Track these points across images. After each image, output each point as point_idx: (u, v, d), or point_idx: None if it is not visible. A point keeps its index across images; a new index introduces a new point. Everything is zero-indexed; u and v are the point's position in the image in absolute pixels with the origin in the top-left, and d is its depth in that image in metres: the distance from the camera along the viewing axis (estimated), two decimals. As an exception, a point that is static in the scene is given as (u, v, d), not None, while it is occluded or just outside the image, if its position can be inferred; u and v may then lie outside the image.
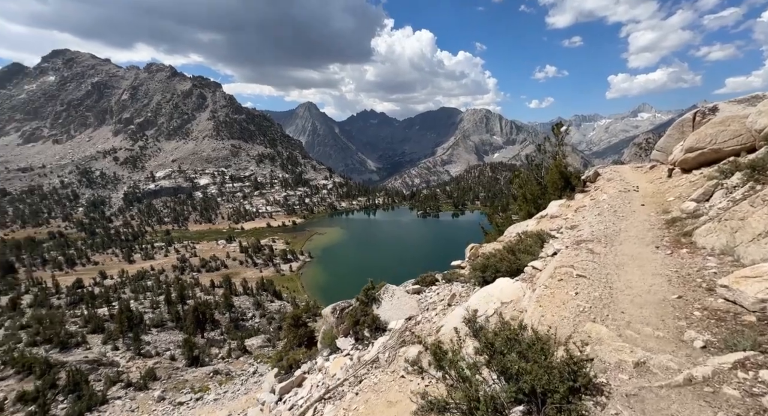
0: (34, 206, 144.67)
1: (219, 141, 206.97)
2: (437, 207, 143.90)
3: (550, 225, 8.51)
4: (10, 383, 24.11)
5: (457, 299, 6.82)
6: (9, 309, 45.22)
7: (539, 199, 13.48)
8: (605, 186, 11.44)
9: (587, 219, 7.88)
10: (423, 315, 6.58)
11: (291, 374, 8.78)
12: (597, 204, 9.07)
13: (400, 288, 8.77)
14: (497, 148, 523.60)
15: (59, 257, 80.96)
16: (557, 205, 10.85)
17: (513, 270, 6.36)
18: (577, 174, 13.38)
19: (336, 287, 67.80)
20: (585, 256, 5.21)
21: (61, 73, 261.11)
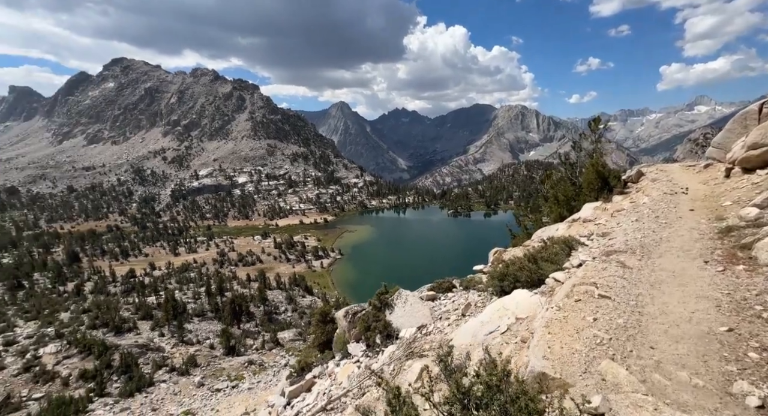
0: (96, 202, 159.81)
1: (256, 141, 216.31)
2: (469, 206, 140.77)
3: (581, 231, 7.83)
4: (74, 361, 26.85)
5: (472, 309, 6.43)
6: (74, 294, 50.38)
7: (573, 200, 12.50)
8: (648, 187, 10.35)
9: (622, 226, 7.15)
10: (435, 325, 6.25)
11: (302, 377, 8.71)
12: (636, 208, 8.21)
13: (415, 293, 8.40)
14: (533, 145, 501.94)
15: (116, 249, 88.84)
16: (592, 208, 9.95)
17: (534, 281, 5.86)
18: (617, 173, 12.21)
19: (365, 285, 68.60)
20: (613, 271, 4.58)
21: (119, 79, 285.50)
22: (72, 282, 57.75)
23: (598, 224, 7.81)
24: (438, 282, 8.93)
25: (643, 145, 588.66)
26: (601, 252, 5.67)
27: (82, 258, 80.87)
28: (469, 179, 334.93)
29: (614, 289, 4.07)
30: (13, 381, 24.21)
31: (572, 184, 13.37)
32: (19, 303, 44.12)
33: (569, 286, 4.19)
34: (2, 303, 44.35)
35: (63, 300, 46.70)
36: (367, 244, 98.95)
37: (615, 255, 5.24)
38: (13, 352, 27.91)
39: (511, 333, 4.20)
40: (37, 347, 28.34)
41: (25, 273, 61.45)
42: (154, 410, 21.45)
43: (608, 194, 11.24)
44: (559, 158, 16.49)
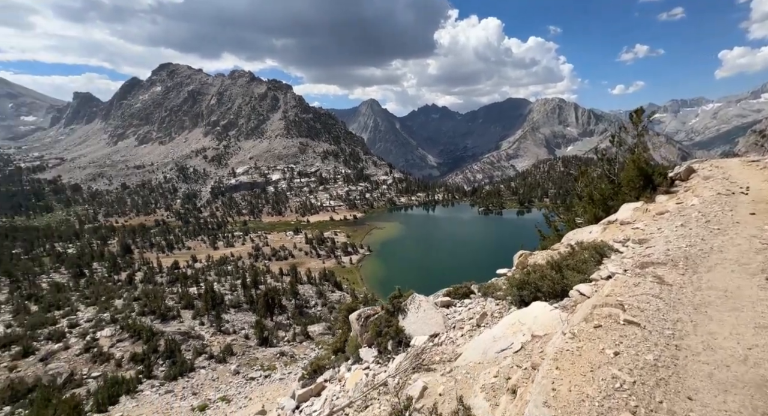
0: (145, 198, 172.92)
1: (289, 139, 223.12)
2: (500, 204, 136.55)
3: (616, 235, 7.01)
4: (126, 344, 29.32)
5: (488, 320, 5.94)
6: (126, 283, 54.96)
7: (610, 200, 11.40)
8: (699, 186, 9.24)
9: (664, 232, 6.24)
10: (447, 335, 5.87)
11: (313, 380, 8.53)
12: (683, 210, 7.23)
13: (430, 298, 7.88)
14: (571, 140, 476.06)
15: (162, 242, 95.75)
16: (631, 209, 8.95)
17: (557, 292, 5.28)
18: (663, 170, 10.98)
19: (393, 281, 68.60)
20: (647, 288, 3.88)
21: (166, 83, 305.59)
22: (125, 271, 63.04)
23: (636, 228, 7.03)
24: (455, 288, 8.38)
25: (697, 138, 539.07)
26: (635, 263, 4.94)
27: (134, 250, 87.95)
28: (502, 176, 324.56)
29: (646, 313, 3.35)
30: (76, 359, 26.90)
31: (610, 181, 12.29)
32: (81, 290, 48.84)
33: (589, 307, 3.54)
34: (67, 289, 49.35)
35: (117, 288, 51.09)
36: (396, 241, 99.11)
37: (651, 268, 4.51)
38: (76, 334, 30.98)
39: (525, 353, 3.74)
40: (95, 330, 31.25)
41: (86, 262, 67.90)
42: (195, 394, 22.96)
43: (651, 193, 10.15)
44: (596, 153, 14.79)
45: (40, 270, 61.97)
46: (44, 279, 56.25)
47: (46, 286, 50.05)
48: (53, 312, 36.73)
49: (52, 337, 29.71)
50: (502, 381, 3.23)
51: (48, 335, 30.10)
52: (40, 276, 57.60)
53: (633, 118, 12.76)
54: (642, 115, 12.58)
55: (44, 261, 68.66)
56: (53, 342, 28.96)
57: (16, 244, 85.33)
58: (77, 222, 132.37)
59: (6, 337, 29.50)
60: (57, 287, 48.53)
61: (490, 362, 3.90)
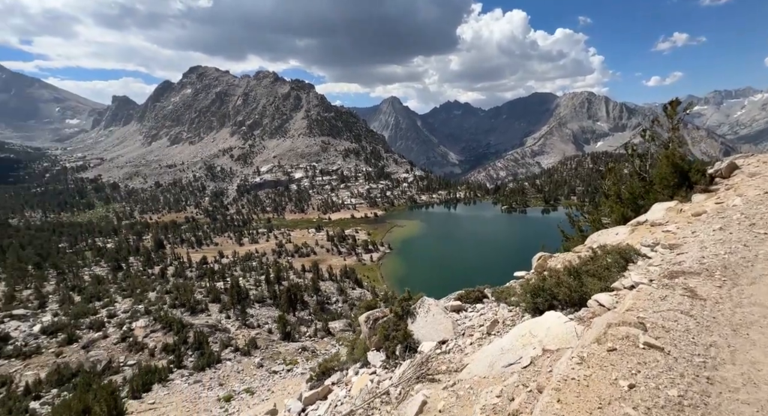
0: (176, 195, 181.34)
1: (311, 138, 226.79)
2: (524, 202, 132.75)
3: (645, 238, 6.40)
4: (158, 335, 30.95)
5: (500, 327, 5.61)
6: (159, 276, 57.97)
7: (640, 198, 10.59)
8: (743, 184, 8.36)
9: (699, 236, 5.63)
10: (456, 342, 5.59)
11: (322, 381, 8.40)
12: (723, 211, 6.48)
13: (441, 302, 7.54)
14: (601, 135, 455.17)
15: (192, 238, 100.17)
16: (663, 209, 8.22)
17: (574, 301, 4.87)
18: (701, 166, 10.10)
19: (413, 279, 68.64)
20: (676, 303, 3.42)
21: (195, 86, 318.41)
22: (158, 266, 66.47)
23: (667, 231, 6.42)
24: (467, 291, 7.95)
25: (743, 132, 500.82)
26: (664, 271, 4.40)
27: (166, 246, 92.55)
28: (526, 173, 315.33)
29: (672, 334, 2.82)
30: (114, 348, 28.71)
31: (641, 179, 11.46)
32: (118, 283, 52.00)
33: (603, 325, 3.03)
34: (107, 281, 52.68)
35: (151, 281, 54.01)
36: (416, 239, 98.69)
37: (682, 278, 3.97)
38: (113, 324, 33.05)
39: (534, 370, 3.39)
40: (131, 321, 33.20)
41: (123, 256, 72.18)
42: (221, 385, 23.91)
43: (687, 192, 9.36)
44: (625, 149, 13.91)
45: (83, 263, 66.46)
46: (86, 271, 60.27)
47: (88, 278, 53.61)
48: (94, 303, 39.32)
49: (93, 326, 31.83)
50: (505, 403, 2.96)
51: (89, 324, 32.27)
52: (83, 269, 61.75)
53: (667, 110, 11.79)
54: (677, 107, 11.59)
55: (86, 255, 73.57)
56: (94, 331, 31.03)
57: (62, 239, 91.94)
58: (115, 219, 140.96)
59: (53, 325, 31.91)
60: (97, 279, 51.89)
61: (495, 377, 3.66)
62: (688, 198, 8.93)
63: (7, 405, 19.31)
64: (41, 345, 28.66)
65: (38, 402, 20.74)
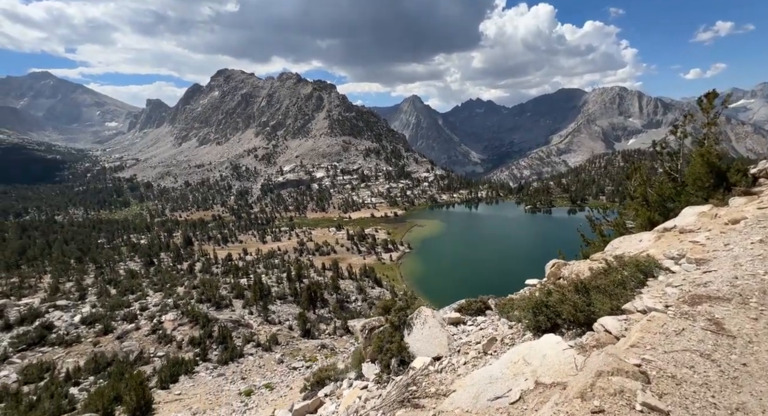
0: (204, 194, 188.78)
1: (333, 137, 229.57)
2: (549, 201, 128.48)
3: (671, 248, 5.62)
4: (186, 328, 32.25)
5: (497, 346, 5.02)
6: (187, 272, 60.50)
7: (670, 201, 9.68)
8: None
9: (733, 249, 4.75)
10: (450, 360, 5.11)
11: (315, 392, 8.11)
12: (765, 219, 5.60)
13: (439, 313, 6.98)
14: (633, 132, 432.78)
15: (218, 235, 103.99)
16: (696, 214, 7.37)
17: (579, 321, 4.27)
18: (742, 166, 9.19)
19: (432, 279, 68.09)
20: (695, 340, 2.73)
21: (222, 88, 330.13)
22: (186, 262, 69.43)
23: (695, 242, 5.55)
24: (468, 302, 7.27)
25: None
26: (684, 295, 3.66)
27: (194, 242, 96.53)
28: (551, 172, 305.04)
29: (684, 390, 2.15)
30: (145, 339, 30.19)
31: (671, 179, 10.56)
32: (150, 277, 54.72)
33: (592, 374, 2.38)
34: (139, 275, 55.57)
35: (180, 276, 56.47)
36: (436, 239, 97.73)
37: (707, 305, 3.27)
38: (145, 317, 34.78)
39: (522, 408, 2.88)
40: (161, 314, 34.82)
41: (155, 252, 75.92)
42: (243, 379, 24.59)
43: (724, 194, 8.45)
44: (654, 146, 12.94)
45: (119, 258, 70.46)
46: (122, 266, 63.85)
47: (123, 273, 56.76)
48: (128, 296, 41.58)
49: (127, 318, 33.63)
50: None
51: (123, 316, 34.14)
52: (119, 264, 65.47)
53: (703, 104, 10.83)
54: (714, 100, 10.67)
55: (122, 251, 77.99)
56: (127, 323, 32.78)
57: (101, 235, 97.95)
58: (148, 216, 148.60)
59: (92, 316, 33.98)
60: (131, 274, 54.83)
61: (478, 414, 3.17)
62: (725, 201, 8.02)
63: (50, 389, 20.72)
64: (81, 334, 30.60)
65: (77, 389, 22.13)
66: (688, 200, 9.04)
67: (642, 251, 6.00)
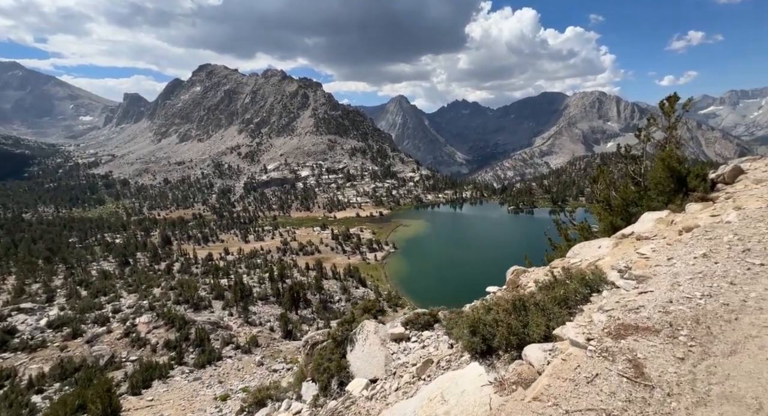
0: (184, 192, 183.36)
1: (318, 136, 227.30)
2: (532, 202, 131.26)
3: (623, 258, 5.30)
4: (161, 331, 31.10)
5: (432, 370, 4.55)
6: (165, 272, 58.51)
7: (633, 205, 9.55)
8: (745, 193, 7.19)
9: (675, 265, 4.41)
10: (383, 385, 4.63)
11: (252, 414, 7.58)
12: (713, 229, 5.24)
13: (383, 328, 6.42)
14: (612, 135, 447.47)
15: (198, 234, 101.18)
16: (654, 220, 7.23)
17: (512, 344, 3.86)
18: (702, 170, 9.13)
19: (417, 279, 68.32)
20: (604, 394, 2.38)
21: (204, 83, 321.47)
22: (164, 261, 67.20)
23: (642, 255, 5.16)
24: (416, 314, 6.60)
25: (760, 133, 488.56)
26: (611, 324, 3.26)
27: (173, 242, 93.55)
28: (534, 173, 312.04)
29: None
30: (117, 343, 28.93)
31: (635, 183, 10.58)
32: (125, 278, 52.64)
33: None
34: (113, 276, 53.36)
35: (157, 277, 54.53)
36: (421, 239, 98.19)
37: (632, 338, 2.90)
38: (118, 319, 33.35)
39: None
40: (135, 316, 33.45)
41: (131, 252, 73.14)
42: (221, 382, 23.88)
43: (683, 200, 8.40)
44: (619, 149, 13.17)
45: (92, 258, 67.51)
46: (94, 266, 61.17)
47: (96, 273, 54.36)
48: (100, 297, 39.80)
49: (98, 321, 32.16)
50: None
51: (94, 319, 32.62)
52: (91, 264, 62.70)
53: (664, 107, 10.85)
54: (675, 103, 10.70)
55: (95, 250, 74.74)
56: (98, 326, 31.35)
57: (73, 234, 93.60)
58: (125, 215, 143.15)
59: (59, 319, 32.33)
60: (104, 274, 52.59)
61: None
62: (682, 207, 7.92)
63: (10, 398, 19.50)
64: (47, 338, 29.03)
65: (40, 396, 20.93)
66: (650, 205, 8.93)
67: (598, 259, 5.82)
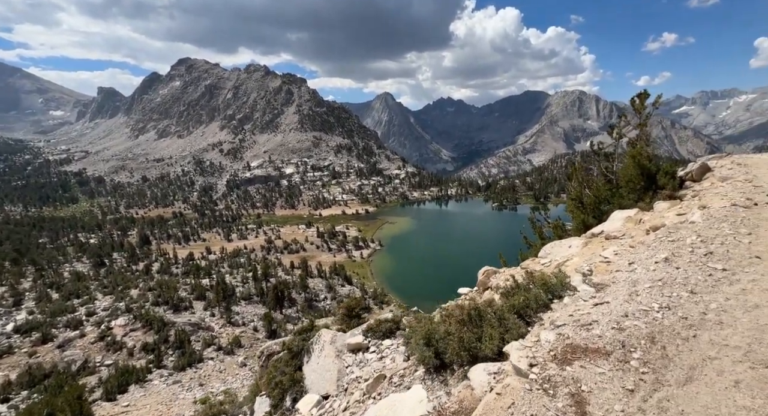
0: (164, 190, 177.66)
1: (303, 133, 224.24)
2: (515, 199, 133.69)
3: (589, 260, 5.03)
4: (138, 334, 30.07)
5: (384, 387, 4.19)
6: (144, 273, 56.56)
7: (605, 203, 9.42)
8: (711, 191, 7.05)
9: (636, 270, 4.11)
10: (332, 403, 4.23)
11: None
12: (676, 231, 4.96)
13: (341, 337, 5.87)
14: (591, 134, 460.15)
15: (179, 233, 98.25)
16: (622, 219, 7.02)
17: (463, 360, 3.51)
18: (671, 168, 9.06)
19: (403, 276, 68.53)
20: None
21: (184, 78, 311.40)
22: (143, 262, 64.95)
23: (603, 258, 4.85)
24: (378, 322, 6.08)
25: (728, 132, 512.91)
26: (559, 346, 2.93)
27: (152, 241, 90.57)
28: (518, 170, 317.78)
29: None
30: (91, 347, 27.77)
31: (607, 180, 10.50)
32: (100, 279, 50.59)
33: None
34: (87, 278, 51.20)
35: (135, 277, 52.66)
36: (407, 236, 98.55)
37: (578, 365, 2.59)
38: (92, 322, 32.02)
39: None
40: (110, 319, 32.19)
41: (107, 252, 70.35)
42: (201, 385, 23.27)
43: (652, 198, 8.29)
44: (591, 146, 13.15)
45: (64, 259, 64.56)
46: (67, 268, 58.53)
47: (68, 275, 52.03)
48: (72, 300, 38.10)
49: (70, 325, 30.77)
50: None
51: (66, 323, 31.20)
52: (63, 265, 59.98)
53: (635, 104, 10.77)
54: (645, 100, 10.57)
55: (68, 251, 71.51)
56: (71, 330, 30.00)
57: (43, 234, 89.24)
58: (100, 214, 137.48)
59: (28, 323, 30.74)
60: (77, 276, 50.39)
61: None
62: (651, 205, 7.84)
63: (-28, 408, 18.41)
64: (13, 344, 27.56)
65: (6, 406, 19.84)
66: (621, 203, 8.84)
67: (567, 259, 5.65)
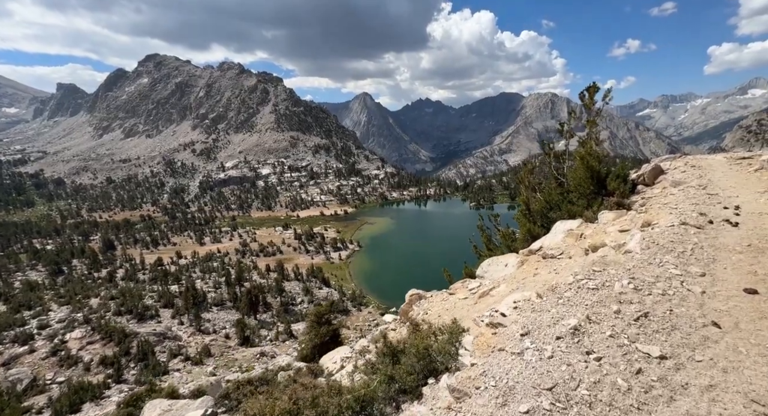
0: (131, 192, 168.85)
1: (279, 133, 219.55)
2: (492, 198, 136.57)
3: (484, 313, 4.07)
4: (96, 347, 28.03)
5: None
6: (107, 280, 53.21)
7: (556, 208, 8.21)
8: (660, 199, 6.20)
9: (524, 355, 2.93)
10: None
11: None
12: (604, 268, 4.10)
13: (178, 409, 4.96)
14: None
15: (147, 237, 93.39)
16: (564, 231, 6.22)
17: None
18: (622, 170, 8.10)
19: (382, 277, 68.14)
20: None
21: (152, 75, 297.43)
22: (106, 268, 61.12)
23: (497, 316, 3.76)
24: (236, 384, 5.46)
25: (686, 134, 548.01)
26: None
27: (117, 246, 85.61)
28: (494, 170, 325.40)
29: None
30: (41, 364, 25.58)
31: (558, 184, 9.47)
32: (56, 288, 47.08)
33: None
34: (42, 287, 47.52)
35: (96, 285, 49.40)
36: (386, 237, 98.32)
37: None
38: (44, 336, 29.57)
39: None
40: (65, 331, 29.88)
41: (65, 259, 65.70)
42: (166, 399, 21.90)
43: (601, 204, 7.33)
44: (542, 146, 12.20)
45: (16, 267, 59.77)
46: (19, 277, 54.19)
47: (19, 285, 48.12)
48: (23, 312, 35.13)
49: (18, 340, 28.28)
50: None
51: (14, 337, 28.65)
52: (15, 274, 55.48)
53: (584, 99, 9.55)
54: (595, 95, 9.35)
55: (21, 259, 66.28)
56: (18, 345, 27.56)
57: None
58: (59, 218, 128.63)
59: (-32, 340, 28.00)
60: (30, 285, 46.66)
61: None
62: (597, 215, 6.84)
63: None
64: (-50, 364, 24.97)
65: (-64, 433, 17.79)
66: (570, 210, 7.87)
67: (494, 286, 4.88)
